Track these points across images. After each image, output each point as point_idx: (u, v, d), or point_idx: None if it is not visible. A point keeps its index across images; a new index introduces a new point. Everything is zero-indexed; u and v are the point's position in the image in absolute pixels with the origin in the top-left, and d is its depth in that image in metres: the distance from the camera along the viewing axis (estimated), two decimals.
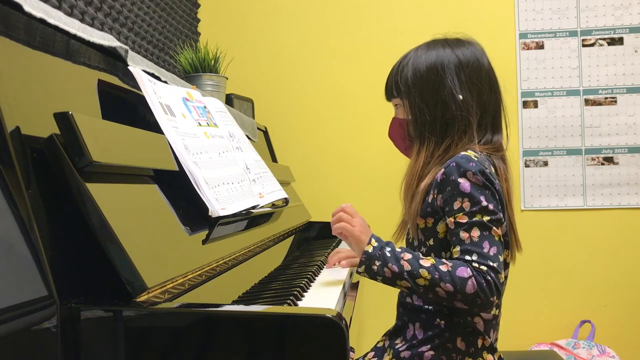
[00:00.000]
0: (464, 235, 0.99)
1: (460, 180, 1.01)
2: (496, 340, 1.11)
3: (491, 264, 0.96)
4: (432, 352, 1.05)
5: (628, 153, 2.22)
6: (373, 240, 1.04)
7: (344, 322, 0.69)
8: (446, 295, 0.96)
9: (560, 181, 2.25)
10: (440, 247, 1.06)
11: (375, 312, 1.56)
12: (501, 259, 0.98)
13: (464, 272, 0.95)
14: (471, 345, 1.06)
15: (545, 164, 2.25)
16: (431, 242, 1.08)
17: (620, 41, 2.22)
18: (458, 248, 0.99)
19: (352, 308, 1.11)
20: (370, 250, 1.02)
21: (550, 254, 2.22)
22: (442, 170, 1.05)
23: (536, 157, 2.26)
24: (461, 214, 1.00)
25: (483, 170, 1.01)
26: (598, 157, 2.23)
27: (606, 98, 2.23)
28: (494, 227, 0.99)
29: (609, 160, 2.23)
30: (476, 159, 1.03)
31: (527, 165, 2.26)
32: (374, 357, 1.16)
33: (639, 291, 2.20)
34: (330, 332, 0.69)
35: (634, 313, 2.19)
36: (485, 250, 0.97)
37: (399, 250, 1.02)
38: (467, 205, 1.00)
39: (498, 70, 1.17)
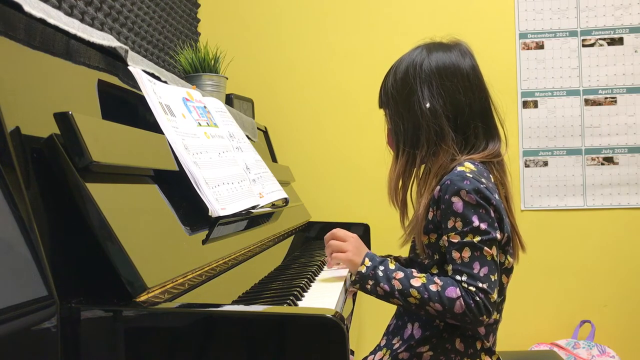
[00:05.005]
0: (455, 254, 0.99)
1: (454, 199, 1.00)
2: (494, 343, 1.11)
3: (480, 285, 0.96)
4: (430, 353, 1.05)
5: (628, 153, 2.22)
6: (367, 260, 1.05)
7: (344, 322, 0.69)
8: (436, 313, 0.98)
9: (560, 181, 2.25)
10: (444, 261, 1.06)
11: (376, 313, 1.56)
12: (493, 278, 0.98)
13: (452, 292, 0.96)
14: (470, 346, 1.06)
15: (545, 164, 2.25)
16: (436, 256, 1.07)
17: (620, 41, 2.22)
18: (450, 267, 1.00)
19: (352, 308, 1.11)
20: (363, 271, 1.04)
21: (550, 254, 2.22)
22: (438, 187, 1.04)
23: (536, 157, 2.26)
24: (453, 233, 1.00)
25: (478, 188, 1.00)
26: (598, 157, 2.23)
27: (606, 98, 2.23)
28: (485, 247, 0.98)
29: (609, 160, 2.23)
30: (471, 176, 1.01)
31: (527, 165, 2.26)
32: None
33: (639, 291, 2.20)
34: (330, 332, 0.69)
35: (634, 313, 2.19)
36: (475, 271, 0.97)
37: (392, 268, 1.03)
38: (459, 225, 0.99)
39: (498, 71, 1.16)
